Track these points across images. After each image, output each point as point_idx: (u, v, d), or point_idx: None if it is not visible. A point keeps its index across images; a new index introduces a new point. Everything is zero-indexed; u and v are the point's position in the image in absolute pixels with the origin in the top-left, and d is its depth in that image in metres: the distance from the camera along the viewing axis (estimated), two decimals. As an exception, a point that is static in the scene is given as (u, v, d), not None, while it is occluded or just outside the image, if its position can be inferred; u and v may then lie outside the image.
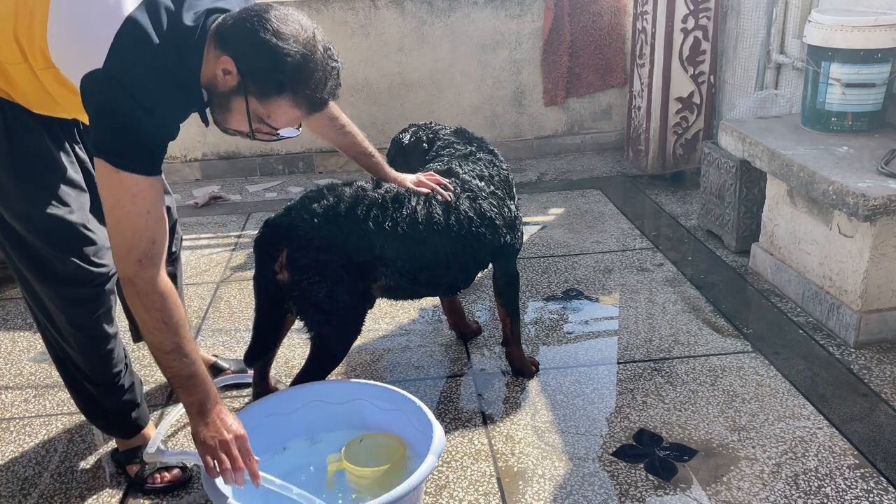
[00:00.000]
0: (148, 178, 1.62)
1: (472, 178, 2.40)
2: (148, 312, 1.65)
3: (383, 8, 4.75)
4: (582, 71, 4.99)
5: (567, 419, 2.40)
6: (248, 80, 1.59)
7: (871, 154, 2.80)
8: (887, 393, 2.46)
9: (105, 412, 2.17)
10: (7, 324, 3.12)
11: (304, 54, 1.59)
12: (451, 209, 2.27)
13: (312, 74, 1.60)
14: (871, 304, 2.70)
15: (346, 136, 2.26)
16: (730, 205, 3.51)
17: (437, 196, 2.26)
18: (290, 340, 2.73)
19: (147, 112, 1.59)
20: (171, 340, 1.66)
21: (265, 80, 1.59)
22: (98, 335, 2.03)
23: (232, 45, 1.60)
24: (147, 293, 1.64)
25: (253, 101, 1.62)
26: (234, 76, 1.60)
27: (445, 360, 2.77)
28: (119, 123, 1.59)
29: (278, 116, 1.65)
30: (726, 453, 2.22)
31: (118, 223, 1.63)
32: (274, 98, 1.61)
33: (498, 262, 2.53)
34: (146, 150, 1.63)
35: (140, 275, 1.63)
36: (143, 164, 1.62)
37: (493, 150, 2.61)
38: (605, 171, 4.78)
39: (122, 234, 1.63)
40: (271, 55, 1.57)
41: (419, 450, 1.84)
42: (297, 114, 1.66)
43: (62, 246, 1.91)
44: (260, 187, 4.68)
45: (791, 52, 3.69)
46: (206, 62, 1.64)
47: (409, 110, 4.96)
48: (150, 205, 1.63)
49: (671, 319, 2.97)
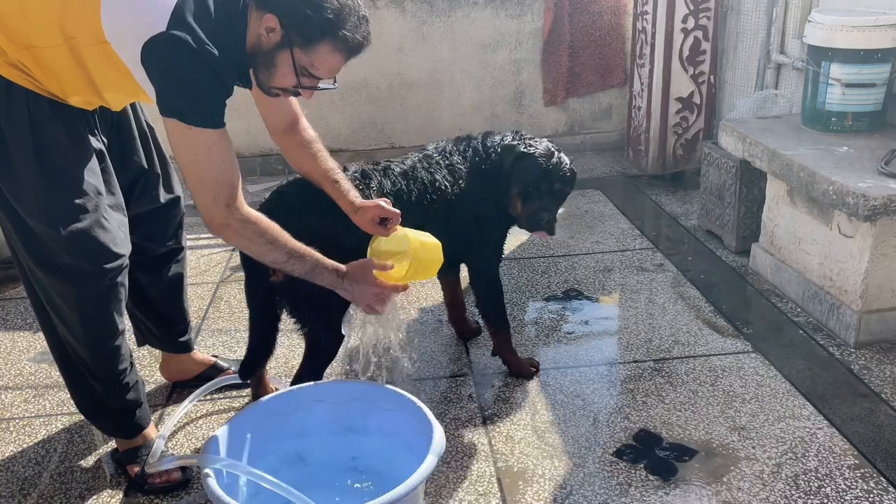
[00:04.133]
0: (217, 129, 1.76)
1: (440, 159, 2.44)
2: (253, 241, 1.84)
3: (383, 8, 4.75)
4: (582, 71, 4.99)
5: (567, 419, 2.39)
6: (291, 31, 1.73)
7: (871, 154, 2.80)
8: (887, 393, 2.46)
9: (108, 411, 2.17)
10: (7, 324, 3.12)
11: (340, 4, 1.74)
12: (410, 178, 2.33)
13: (349, 17, 1.75)
14: (872, 305, 2.70)
15: (315, 160, 2.17)
16: (730, 205, 3.51)
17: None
18: (290, 340, 2.73)
19: (211, 68, 1.70)
20: (284, 251, 1.85)
21: (308, 27, 1.73)
22: (109, 330, 2.05)
23: (273, 2, 1.74)
24: (244, 228, 1.81)
25: (297, 52, 1.75)
26: (277, 32, 1.74)
27: (445, 360, 2.77)
28: (187, 80, 1.71)
29: (320, 63, 1.78)
30: (726, 453, 2.21)
31: (199, 176, 1.77)
32: (317, 44, 1.75)
33: (469, 261, 2.54)
34: (213, 104, 1.76)
35: (232, 216, 1.79)
36: (211, 117, 1.75)
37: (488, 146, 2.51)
38: (605, 171, 4.78)
39: (205, 186, 1.77)
40: (312, 3, 1.72)
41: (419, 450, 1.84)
42: (338, 58, 1.79)
43: (79, 240, 1.92)
44: (260, 187, 4.68)
45: (791, 52, 3.68)
46: (251, 25, 1.78)
47: (409, 110, 4.97)
48: (224, 153, 1.77)
49: (671, 319, 2.97)
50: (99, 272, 1.97)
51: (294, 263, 1.88)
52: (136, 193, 2.19)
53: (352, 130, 4.97)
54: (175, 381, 2.63)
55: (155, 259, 2.33)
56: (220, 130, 1.77)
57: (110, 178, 2.01)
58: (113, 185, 2.02)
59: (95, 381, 2.11)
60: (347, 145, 4.98)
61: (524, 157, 2.43)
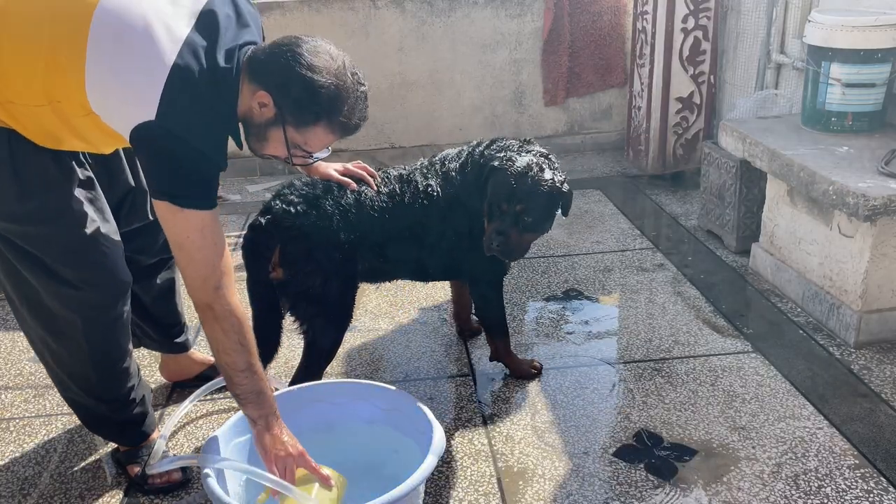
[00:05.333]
0: (209, 211, 1.71)
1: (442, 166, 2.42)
2: (226, 335, 1.74)
3: (383, 8, 4.75)
4: (582, 71, 4.99)
5: (567, 419, 2.39)
6: (285, 112, 1.69)
7: (871, 154, 2.80)
8: (887, 393, 2.46)
9: (112, 424, 2.18)
10: (7, 324, 3.12)
11: (338, 84, 1.68)
12: (406, 184, 2.32)
13: (345, 102, 1.70)
14: (872, 305, 2.70)
15: None
16: (730, 205, 3.51)
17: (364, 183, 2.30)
18: (290, 340, 2.73)
19: (201, 153, 1.66)
20: (246, 360, 1.76)
21: (302, 112, 1.69)
22: (117, 355, 2.05)
23: (267, 80, 1.68)
24: (226, 317, 1.73)
25: (290, 131, 1.72)
26: (270, 108, 1.69)
27: (445, 360, 2.77)
28: (177, 168, 1.66)
29: (314, 142, 1.76)
30: (726, 453, 2.21)
31: (190, 257, 1.72)
32: (311, 127, 1.71)
33: (466, 271, 2.52)
34: (204, 186, 1.72)
35: (218, 301, 1.72)
36: (203, 199, 1.71)
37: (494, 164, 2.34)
38: (605, 171, 4.78)
39: (196, 267, 1.72)
40: (307, 88, 1.66)
41: (419, 450, 1.84)
42: (332, 138, 1.77)
43: (83, 272, 1.90)
44: (260, 187, 4.68)
45: (791, 52, 3.68)
46: (242, 95, 1.72)
47: (409, 110, 4.97)
48: (215, 236, 1.73)
49: (671, 319, 2.97)
50: (103, 302, 1.96)
51: (247, 377, 1.77)
52: (125, 211, 2.14)
53: (352, 130, 4.96)
54: (175, 380, 2.63)
55: (145, 268, 2.30)
56: (212, 211, 1.71)
57: (102, 205, 1.97)
58: (106, 212, 1.98)
59: (100, 402, 2.10)
60: (347, 145, 4.96)
61: (494, 172, 2.27)
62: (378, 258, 2.32)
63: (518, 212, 2.23)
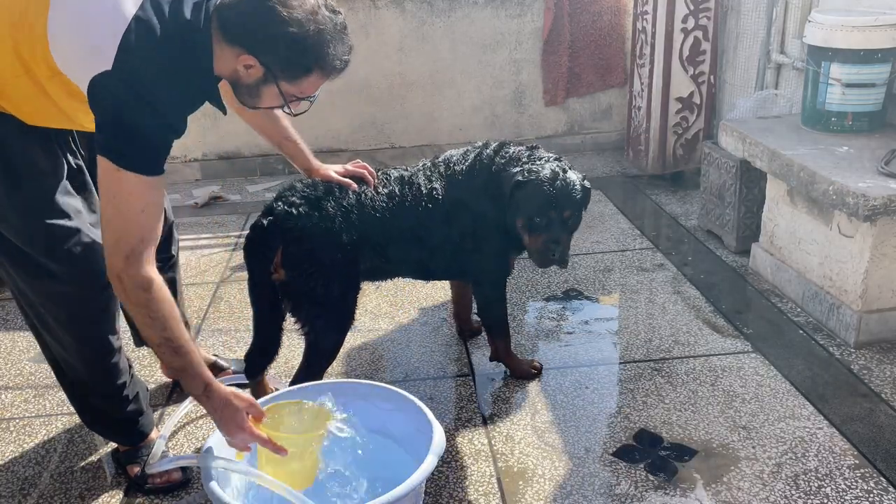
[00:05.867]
0: (148, 177, 1.64)
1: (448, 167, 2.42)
2: (136, 309, 1.68)
3: (383, 8, 4.75)
4: (582, 71, 4.99)
5: (567, 419, 2.40)
6: (274, 69, 1.66)
7: (871, 154, 2.80)
8: (887, 393, 2.46)
9: (109, 422, 2.18)
10: (7, 324, 3.12)
11: (318, 29, 1.64)
12: (410, 185, 2.33)
13: (330, 44, 1.67)
14: (872, 305, 2.70)
15: (275, 122, 2.28)
16: (730, 205, 3.51)
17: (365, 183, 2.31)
18: (291, 340, 2.73)
19: (155, 112, 1.62)
20: (159, 335, 1.68)
21: (292, 67, 1.67)
22: (104, 350, 2.03)
23: (246, 39, 1.64)
24: (132, 289, 1.65)
25: (283, 85, 1.69)
26: (258, 69, 1.66)
27: (445, 360, 2.77)
28: (126, 123, 1.61)
29: (309, 89, 1.74)
30: (726, 453, 2.22)
31: (111, 219, 1.65)
32: (303, 77, 1.70)
33: (470, 273, 2.53)
34: (150, 150, 1.66)
35: (126, 271, 1.64)
36: (144, 163, 1.64)
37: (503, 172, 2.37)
38: (605, 171, 4.78)
39: (113, 230, 1.65)
40: (291, 44, 1.62)
41: (419, 450, 1.84)
42: (326, 79, 1.75)
43: (65, 263, 1.88)
44: (260, 187, 4.68)
45: (791, 52, 3.68)
46: (220, 57, 1.68)
47: (409, 110, 4.97)
48: (144, 203, 1.65)
49: (671, 319, 2.97)
50: (88, 296, 1.93)
51: (165, 352, 1.70)
52: None
53: (352, 130, 4.97)
54: (175, 380, 2.63)
55: None
56: (151, 178, 1.65)
57: (90, 196, 1.95)
58: (94, 203, 1.95)
59: (94, 397, 2.10)
60: (347, 145, 4.98)
61: (524, 185, 2.27)
62: (380, 258, 2.33)
63: (566, 218, 2.32)
